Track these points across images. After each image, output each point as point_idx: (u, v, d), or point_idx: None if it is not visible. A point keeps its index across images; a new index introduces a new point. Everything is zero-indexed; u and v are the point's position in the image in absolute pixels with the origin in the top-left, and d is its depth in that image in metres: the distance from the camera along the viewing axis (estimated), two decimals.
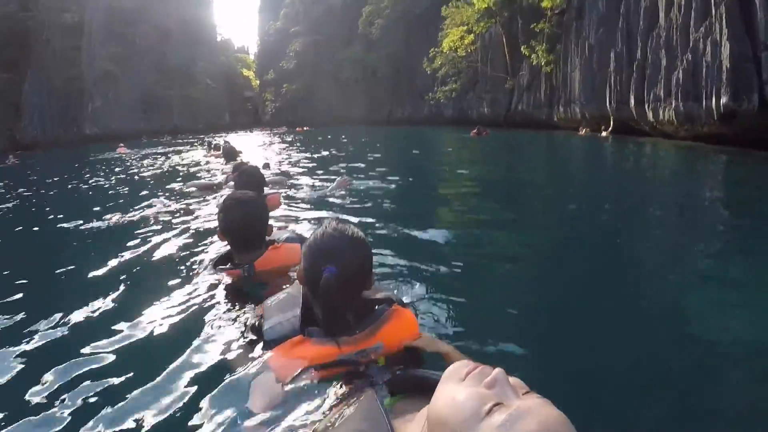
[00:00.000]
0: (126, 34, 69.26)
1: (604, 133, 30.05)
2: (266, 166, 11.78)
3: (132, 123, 66.13)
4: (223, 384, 2.04)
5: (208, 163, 14.59)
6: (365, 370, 1.92)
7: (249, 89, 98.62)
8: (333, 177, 10.54)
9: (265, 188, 5.78)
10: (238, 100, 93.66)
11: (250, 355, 2.16)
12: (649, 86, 25.86)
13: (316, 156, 19.87)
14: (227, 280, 3.20)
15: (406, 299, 3.20)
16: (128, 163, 20.58)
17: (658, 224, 7.22)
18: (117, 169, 17.77)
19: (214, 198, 8.06)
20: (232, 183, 6.66)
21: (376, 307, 2.11)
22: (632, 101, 27.31)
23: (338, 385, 1.83)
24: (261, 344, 2.17)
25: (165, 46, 71.71)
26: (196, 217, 6.65)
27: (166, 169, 16.34)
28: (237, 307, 2.83)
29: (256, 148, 26.20)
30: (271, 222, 3.49)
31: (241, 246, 3.29)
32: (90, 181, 14.51)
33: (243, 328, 2.45)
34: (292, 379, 1.86)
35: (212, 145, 22.87)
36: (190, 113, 73.81)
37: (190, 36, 76.50)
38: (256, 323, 2.30)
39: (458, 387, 1.18)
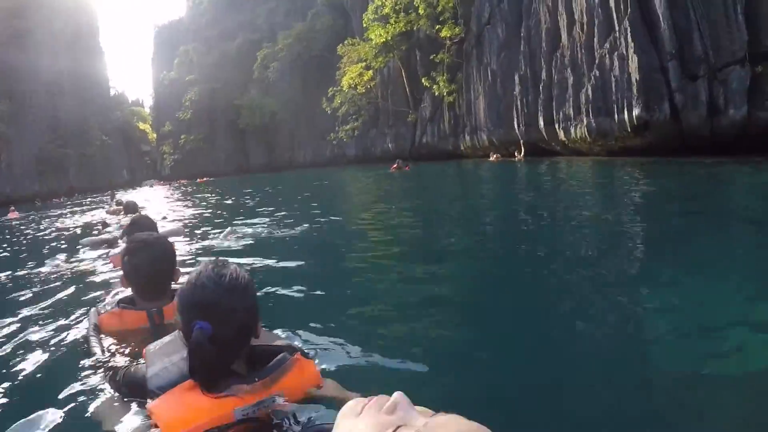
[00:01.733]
0: (15, 92, 64.71)
1: (517, 157, 28.97)
2: (164, 218, 11.06)
3: (26, 186, 61.20)
4: None
5: (105, 220, 13.14)
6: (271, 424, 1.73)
7: (146, 143, 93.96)
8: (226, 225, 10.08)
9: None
10: (136, 154, 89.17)
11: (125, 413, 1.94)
12: (557, 106, 25.07)
13: (214, 207, 18.64)
14: (128, 324, 2.88)
15: (306, 346, 2.89)
16: (22, 228, 18.61)
17: (588, 234, 7.01)
18: (7, 236, 16.02)
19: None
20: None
21: (278, 356, 1.90)
22: (541, 122, 26.45)
23: None
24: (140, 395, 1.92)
25: (57, 103, 67.14)
26: (92, 273, 6.22)
27: (62, 231, 14.96)
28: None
29: (156, 202, 24.47)
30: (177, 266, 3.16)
31: (146, 291, 2.99)
32: None
33: (123, 379, 2.07)
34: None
35: (114, 201, 22.09)
36: (86, 172, 69.00)
37: (83, 91, 71.95)
38: (133, 370, 2.04)
39: (355, 421, 1.01)
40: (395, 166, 28.84)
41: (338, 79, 52.29)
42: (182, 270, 3.23)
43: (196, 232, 10.38)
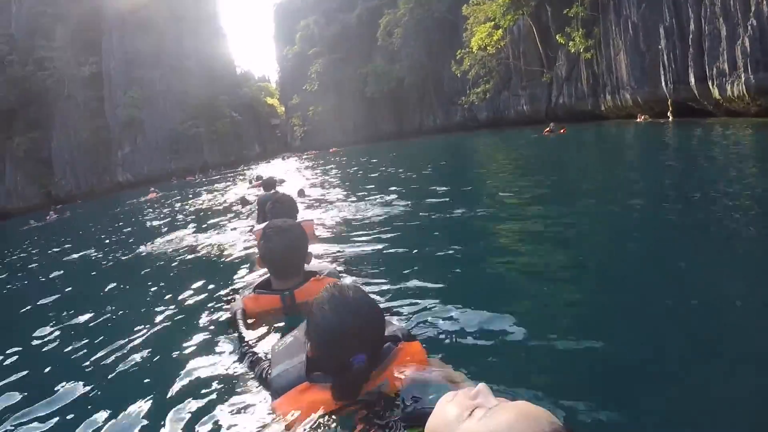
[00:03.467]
0: (145, 78, 70.34)
1: (670, 118, 27.67)
2: (301, 193, 11.90)
3: (162, 165, 67.30)
4: None
5: (245, 197, 14.45)
6: (380, 409, 1.97)
7: (275, 117, 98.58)
8: (368, 196, 11.15)
9: (298, 216, 5.91)
10: (266, 129, 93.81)
11: (257, 405, 2.35)
12: (709, 60, 23.61)
13: (349, 177, 19.74)
14: (264, 306, 3.36)
15: (422, 327, 3.22)
16: (165, 207, 21.29)
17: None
18: (154, 214, 18.70)
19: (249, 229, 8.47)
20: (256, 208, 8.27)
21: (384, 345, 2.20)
22: (692, 79, 25.04)
23: (356, 428, 1.91)
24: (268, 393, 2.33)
25: (186, 85, 72.37)
26: (234, 246, 7.18)
27: (206, 209, 16.81)
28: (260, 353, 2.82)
29: (290, 175, 25.71)
30: (310, 250, 3.63)
31: (280, 273, 3.46)
32: (126, 230, 15.72)
33: (260, 372, 2.53)
34: (303, 426, 1.96)
35: (255, 177, 23.88)
36: (219, 148, 74.27)
37: (210, 72, 76.92)
38: (264, 372, 2.46)
39: (448, 404, 1.45)
40: (548, 129, 28.39)
41: (466, 41, 51.68)
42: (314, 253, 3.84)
43: (328, 203, 11.31)
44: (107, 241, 12.96)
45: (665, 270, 4.24)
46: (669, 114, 28.02)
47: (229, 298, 4.14)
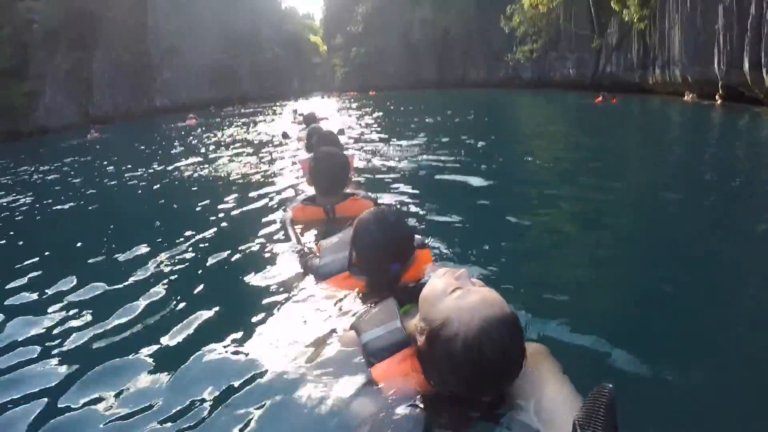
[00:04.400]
0: (189, 6, 70.25)
1: (718, 101, 27.01)
2: (340, 132, 12.11)
3: (201, 93, 67.76)
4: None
5: (286, 131, 15.13)
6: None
7: (317, 55, 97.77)
8: (403, 141, 12.03)
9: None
10: (307, 66, 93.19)
11: (304, 283, 3.07)
12: (766, 47, 22.90)
13: (390, 122, 20.24)
14: (309, 215, 4.16)
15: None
16: (205, 133, 21.82)
17: None
18: (193, 140, 19.30)
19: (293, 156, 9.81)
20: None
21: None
22: (746, 64, 24.31)
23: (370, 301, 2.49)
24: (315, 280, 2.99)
25: (229, 16, 71.88)
26: (282, 174, 8.15)
27: (249, 138, 17.55)
28: (308, 237, 3.86)
29: (328, 113, 25.86)
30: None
31: (325, 191, 4.21)
32: (170, 152, 16.29)
33: (306, 262, 3.24)
34: (343, 301, 2.73)
35: (296, 113, 24.47)
36: (258, 81, 74.23)
37: (254, 5, 76.18)
38: (315, 262, 3.07)
39: (437, 279, 1.96)
40: (600, 98, 27.90)
41: None
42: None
43: (364, 143, 12.50)
44: (153, 163, 13.22)
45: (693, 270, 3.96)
46: (717, 97, 27.32)
47: (282, 208, 5.06)
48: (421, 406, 1.86)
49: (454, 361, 1.71)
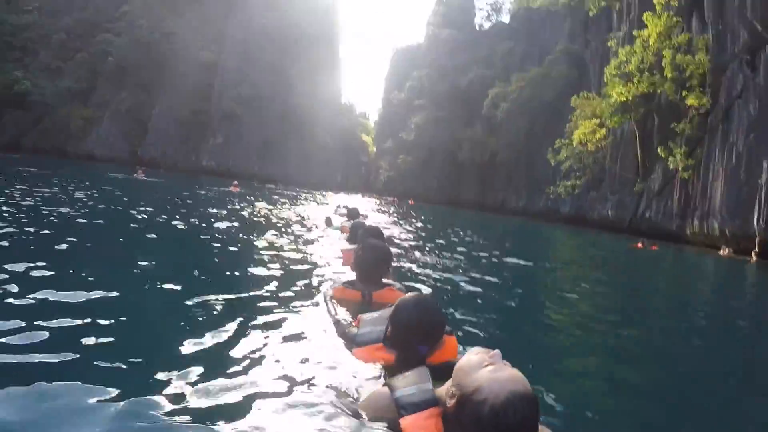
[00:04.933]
0: (256, 80, 72.94)
1: (754, 258, 26.08)
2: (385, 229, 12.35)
3: (247, 164, 69.36)
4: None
5: (330, 218, 15.15)
6: None
7: (365, 154, 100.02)
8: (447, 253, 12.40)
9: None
10: (353, 162, 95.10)
11: (343, 352, 3.35)
12: None
13: (428, 230, 20.97)
14: (348, 297, 4.57)
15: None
16: (249, 204, 22.06)
17: None
18: (238, 206, 19.91)
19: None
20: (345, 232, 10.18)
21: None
22: None
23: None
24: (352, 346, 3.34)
25: (291, 97, 74.38)
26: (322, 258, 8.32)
27: (294, 216, 18.20)
28: (345, 317, 4.13)
29: (368, 212, 26.01)
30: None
31: (365, 278, 4.68)
32: (211, 210, 16.90)
33: (344, 333, 3.62)
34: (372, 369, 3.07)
35: (340, 206, 24.57)
36: (304, 166, 75.66)
37: (317, 92, 79.19)
38: (353, 331, 3.47)
39: (473, 355, 2.22)
40: (640, 244, 27.77)
41: (567, 132, 51.47)
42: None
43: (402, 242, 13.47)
44: (194, 216, 14.01)
45: None
46: (753, 253, 26.45)
47: (327, 287, 5.18)
48: None
49: (480, 423, 1.98)
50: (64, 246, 6.87)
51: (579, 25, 63.26)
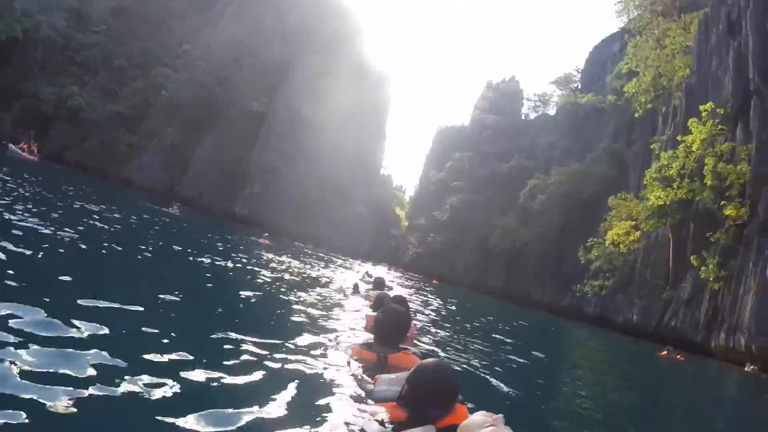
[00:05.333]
0: (301, 138, 74.22)
1: None
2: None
3: (280, 219, 69.63)
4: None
5: (357, 285, 15.31)
6: None
7: (396, 227, 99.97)
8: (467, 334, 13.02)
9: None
10: (384, 234, 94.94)
11: (359, 406, 3.67)
12: None
13: (450, 311, 21.21)
14: (365, 357, 4.93)
15: None
16: (280, 258, 22.22)
17: None
18: (268, 258, 20.15)
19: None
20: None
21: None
22: None
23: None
24: (368, 400, 3.74)
25: (333, 159, 75.30)
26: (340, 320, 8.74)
27: (323, 277, 18.62)
28: (363, 375, 4.57)
29: (396, 285, 26.99)
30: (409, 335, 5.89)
31: (382, 342, 4.97)
32: (239, 256, 17.29)
33: (361, 388, 4.06)
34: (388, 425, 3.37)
35: (367, 273, 25.84)
36: (336, 231, 75.63)
37: (356, 160, 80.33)
38: (369, 387, 3.91)
39: (477, 416, 2.49)
40: (665, 352, 27.52)
41: (601, 231, 50.75)
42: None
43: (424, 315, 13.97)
44: (224, 259, 14.41)
45: None
46: None
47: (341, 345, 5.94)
48: None
49: None
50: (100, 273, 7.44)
51: (624, 125, 63.90)
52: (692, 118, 39.93)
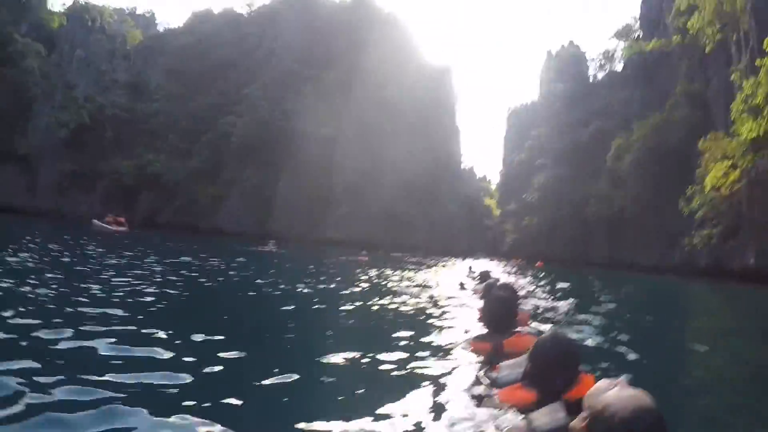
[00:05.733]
0: (375, 151, 74.61)
1: None
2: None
3: (373, 233, 70.48)
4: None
5: (463, 283, 16.09)
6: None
7: (489, 218, 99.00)
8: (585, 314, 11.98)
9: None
10: (478, 227, 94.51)
11: (485, 395, 3.85)
12: None
13: (563, 292, 20.11)
14: (482, 348, 5.13)
15: None
16: (379, 272, 23.18)
17: None
18: (370, 274, 21.00)
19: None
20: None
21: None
22: None
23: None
24: (493, 389, 3.85)
25: (411, 165, 75.64)
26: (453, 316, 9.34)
27: (421, 282, 19.11)
28: (482, 363, 4.89)
29: (501, 275, 26.27)
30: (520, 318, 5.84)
31: (494, 329, 5.22)
32: (345, 276, 19.02)
33: (485, 378, 4.20)
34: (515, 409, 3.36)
35: (471, 269, 26.73)
36: (430, 234, 76.01)
37: (436, 160, 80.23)
38: (493, 375, 4.02)
39: (602, 382, 2.46)
40: None
41: (698, 177, 47.48)
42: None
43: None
44: (330, 283, 15.44)
45: None
46: None
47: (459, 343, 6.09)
48: None
49: None
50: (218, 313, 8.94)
51: (696, 64, 59.79)
52: (766, 37, 36.71)
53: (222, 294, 11.73)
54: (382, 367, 5.29)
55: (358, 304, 10.72)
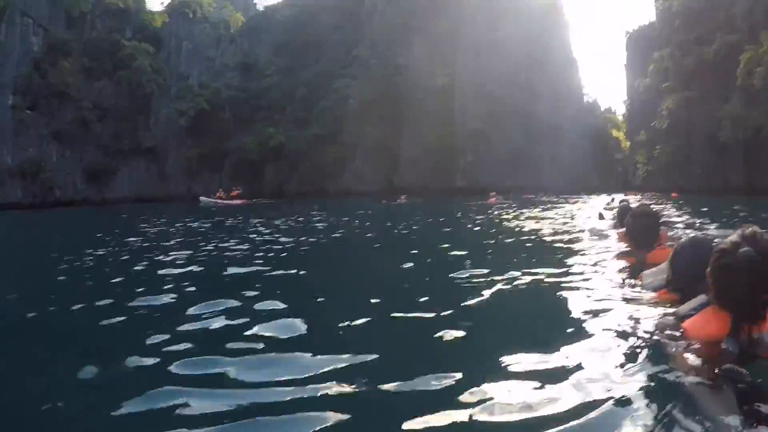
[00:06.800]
0: (495, 94, 73.13)
1: None
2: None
3: (500, 178, 70.45)
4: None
5: (602, 213, 16.39)
6: None
7: (618, 151, 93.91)
8: None
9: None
10: (608, 161, 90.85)
11: (627, 296, 4.09)
12: None
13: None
14: (625, 263, 5.42)
15: None
16: (514, 212, 24.45)
17: None
18: (504, 214, 22.56)
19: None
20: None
21: None
22: None
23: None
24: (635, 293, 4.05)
25: (533, 106, 73.60)
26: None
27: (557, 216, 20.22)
28: (627, 274, 4.97)
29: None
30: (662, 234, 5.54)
31: (636, 244, 5.36)
32: (480, 219, 20.29)
33: (625, 283, 4.59)
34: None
35: (612, 200, 27.29)
36: (557, 172, 75.09)
37: (557, 96, 78.18)
38: (636, 281, 4.31)
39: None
40: None
41: None
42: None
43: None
44: (468, 224, 17.90)
45: None
46: None
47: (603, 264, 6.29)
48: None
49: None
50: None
51: None
52: None
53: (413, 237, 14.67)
54: (543, 283, 5.75)
55: (509, 237, 12.38)
